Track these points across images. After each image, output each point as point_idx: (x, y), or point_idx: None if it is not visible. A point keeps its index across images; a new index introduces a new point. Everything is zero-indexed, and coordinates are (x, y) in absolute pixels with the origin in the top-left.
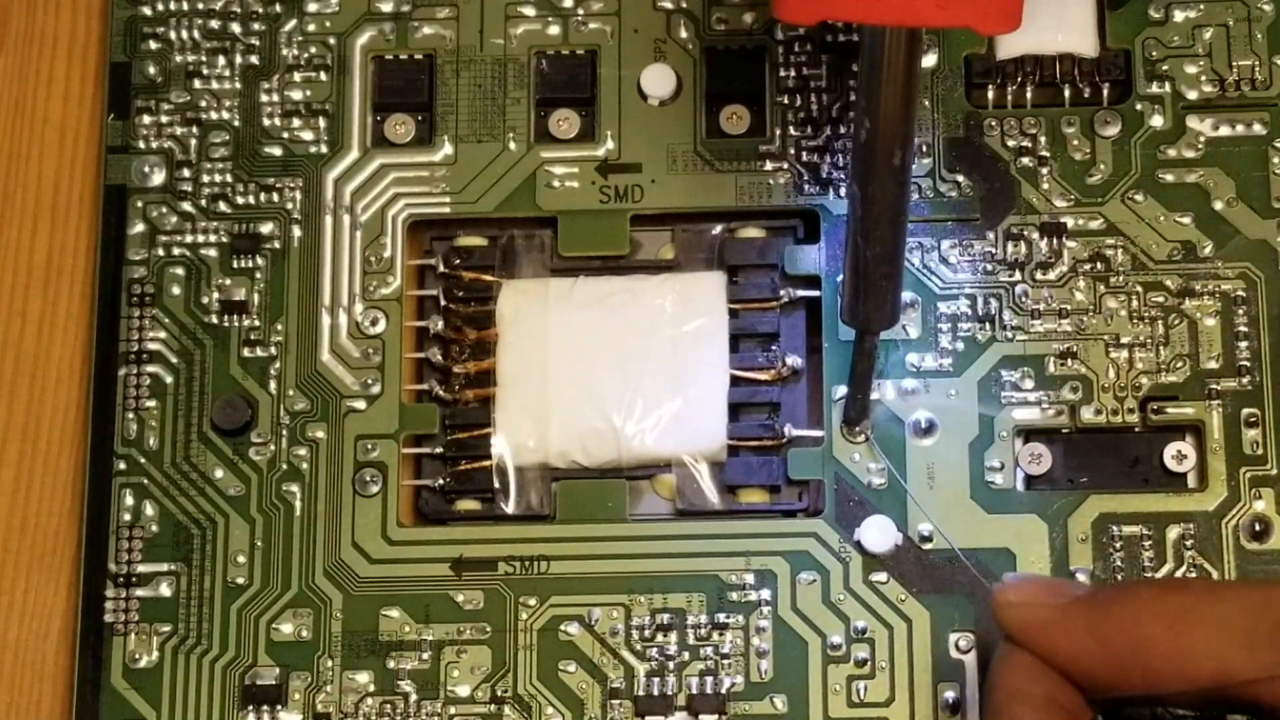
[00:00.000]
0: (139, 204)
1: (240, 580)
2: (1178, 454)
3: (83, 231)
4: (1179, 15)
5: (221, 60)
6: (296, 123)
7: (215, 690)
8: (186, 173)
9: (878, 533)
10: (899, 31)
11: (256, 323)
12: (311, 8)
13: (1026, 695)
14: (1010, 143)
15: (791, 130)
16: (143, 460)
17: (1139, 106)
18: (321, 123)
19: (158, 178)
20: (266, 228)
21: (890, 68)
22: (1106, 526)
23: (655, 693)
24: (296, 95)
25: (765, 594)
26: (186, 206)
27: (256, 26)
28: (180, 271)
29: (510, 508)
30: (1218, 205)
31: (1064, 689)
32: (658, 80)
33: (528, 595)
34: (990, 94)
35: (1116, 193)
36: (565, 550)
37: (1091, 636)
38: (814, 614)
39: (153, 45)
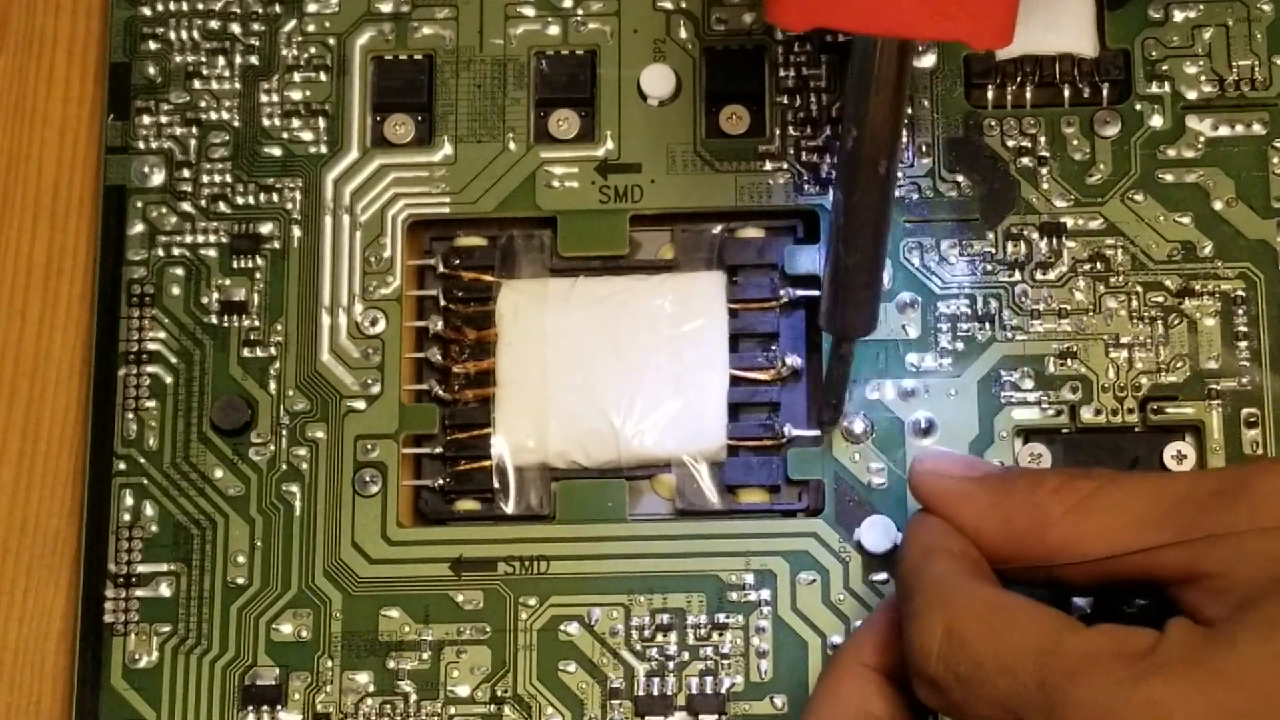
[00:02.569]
0: (139, 204)
1: (240, 580)
2: (1177, 454)
3: (82, 232)
4: (1178, 15)
5: (221, 61)
6: (296, 123)
7: (215, 690)
8: (186, 173)
9: (877, 532)
10: (890, 42)
11: (256, 323)
12: (311, 8)
13: (943, 548)
14: (1010, 143)
15: (791, 130)
16: (142, 460)
17: (1138, 107)
18: (321, 123)
19: (157, 178)
20: (266, 228)
21: (880, 77)
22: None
23: (655, 693)
24: (296, 95)
25: (765, 594)
26: (186, 207)
27: (256, 27)
28: (180, 272)
29: (510, 508)
30: (1217, 205)
31: (975, 547)
32: (657, 80)
33: (527, 595)
34: (990, 94)
35: (1116, 193)
36: (565, 550)
37: (995, 510)
38: (814, 614)
39: (152, 46)
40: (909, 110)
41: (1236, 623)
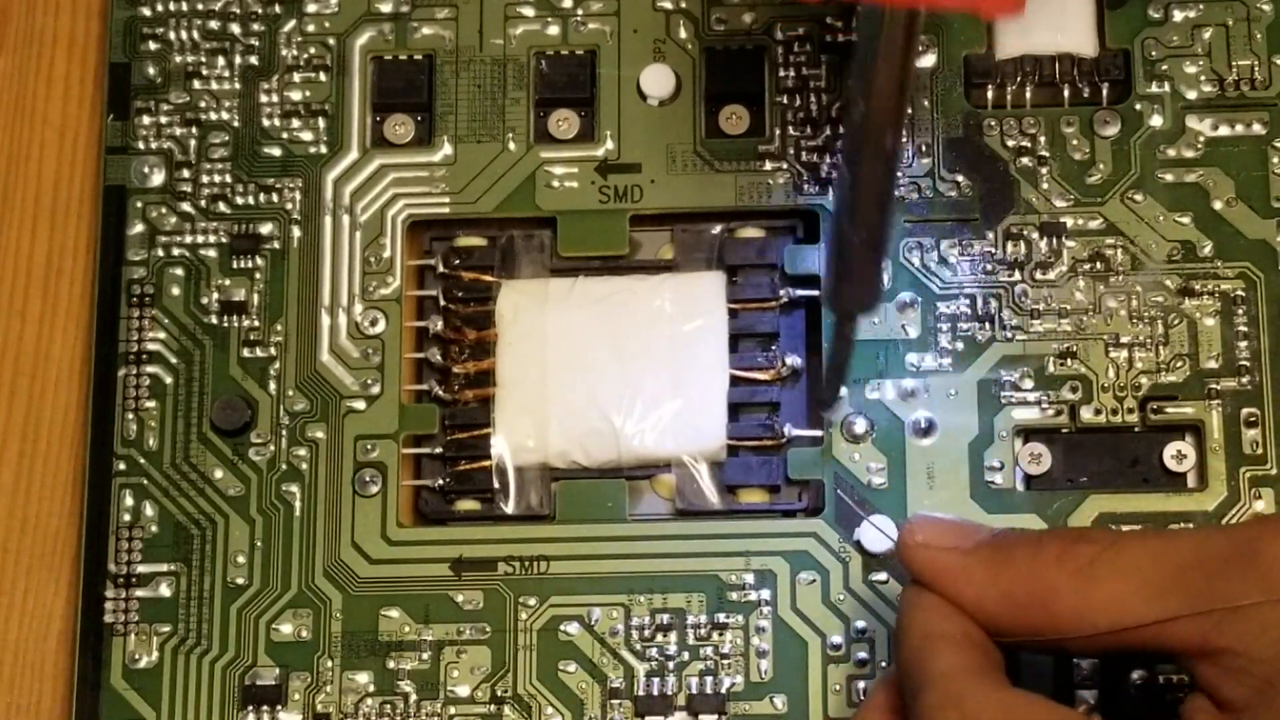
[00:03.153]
0: (138, 204)
1: (240, 580)
2: (1177, 454)
3: (82, 232)
4: (1178, 15)
5: (221, 61)
6: (296, 123)
7: (215, 690)
8: (186, 173)
9: (877, 533)
10: (899, 11)
11: (256, 323)
12: (311, 8)
13: (943, 633)
14: (1010, 142)
15: (791, 130)
16: (142, 461)
17: (1138, 106)
18: (321, 123)
19: (157, 178)
20: (266, 228)
21: (887, 48)
22: (1106, 526)
23: (655, 693)
24: (296, 96)
25: (765, 594)
26: (186, 207)
27: (256, 27)
28: (180, 272)
29: (510, 508)
30: (1217, 205)
31: (975, 626)
32: (657, 80)
33: (527, 595)
34: (990, 94)
35: (1116, 193)
36: (565, 550)
37: (995, 584)
38: (814, 614)
39: (152, 46)
40: (909, 110)
41: (1261, 711)
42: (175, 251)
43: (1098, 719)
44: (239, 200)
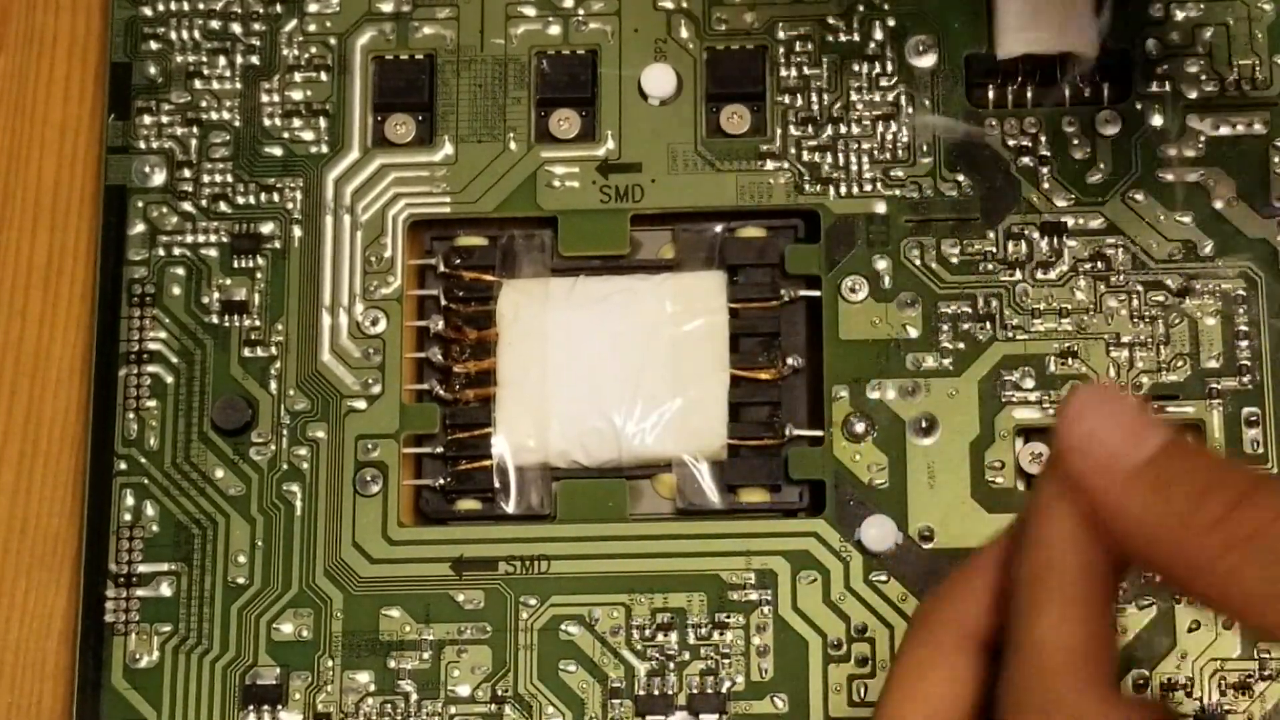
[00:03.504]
0: (139, 204)
1: (241, 580)
2: None
3: (83, 232)
4: (1179, 14)
5: (222, 60)
6: (297, 123)
7: (216, 690)
8: (187, 173)
9: (878, 532)
10: None
11: (257, 323)
12: (312, 8)
13: (1064, 585)
14: (1010, 142)
15: (792, 130)
16: (143, 460)
17: (1139, 106)
18: (322, 123)
19: (158, 178)
20: (267, 228)
21: None
22: None
23: (656, 692)
24: (297, 95)
25: (766, 593)
26: (187, 207)
27: (257, 27)
28: (181, 271)
29: (511, 507)
30: (1218, 204)
31: (1104, 581)
32: (658, 80)
33: (528, 595)
34: (990, 94)
35: (1117, 192)
36: (566, 550)
37: (1143, 526)
38: (814, 613)
39: (153, 45)
40: (910, 109)
41: None
42: (176, 251)
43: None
44: (240, 200)
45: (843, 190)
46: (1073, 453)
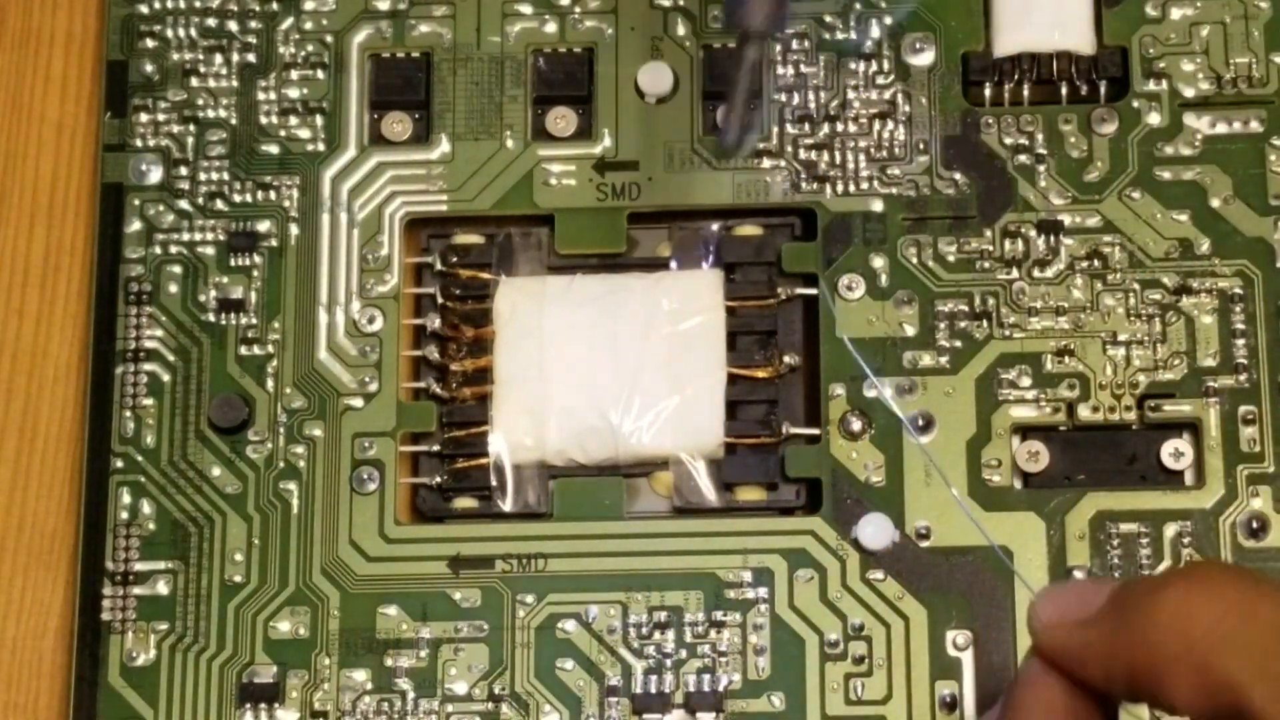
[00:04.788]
0: (136, 202)
1: (238, 578)
2: (1175, 451)
3: (80, 229)
4: (1176, 13)
5: (218, 58)
6: (294, 121)
7: (213, 688)
8: (184, 171)
9: (875, 530)
10: None
11: (254, 321)
12: (308, 6)
13: None
14: (1007, 140)
15: (788, 128)
16: (140, 458)
17: (1136, 104)
18: (319, 121)
19: (155, 176)
20: (264, 226)
21: None
22: (1104, 524)
23: (653, 690)
24: (293, 93)
25: (763, 591)
26: (184, 204)
27: (253, 25)
28: (177, 269)
29: (508, 506)
30: (1215, 203)
31: (1085, 706)
32: (655, 78)
33: (525, 593)
34: (987, 91)
35: (1114, 190)
36: (562, 548)
37: (1115, 658)
38: (811, 611)
39: (150, 43)
40: (907, 107)
41: None
42: (173, 249)
43: None
44: (236, 198)
45: (839, 188)
46: (1042, 630)
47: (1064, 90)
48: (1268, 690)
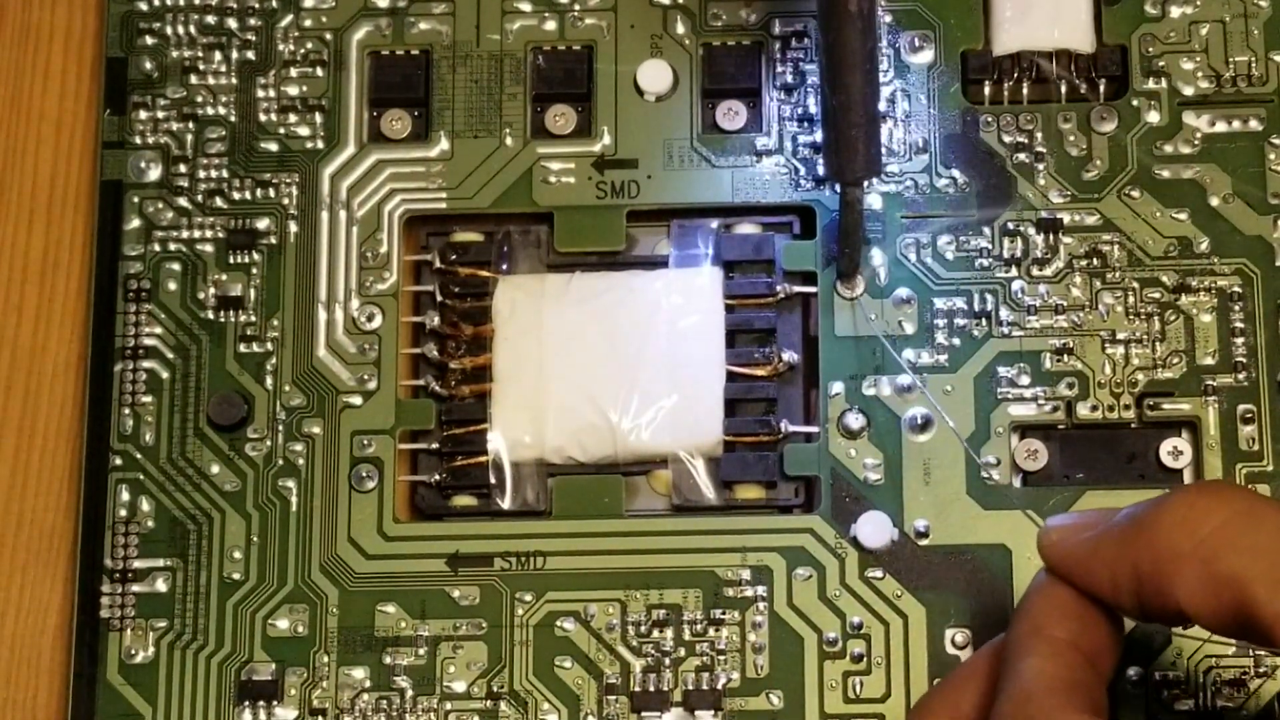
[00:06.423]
0: (135, 199)
1: (236, 576)
2: (1174, 450)
3: (79, 227)
4: (1175, 11)
5: (218, 56)
6: (293, 118)
7: (211, 686)
8: (183, 168)
9: (874, 528)
10: None
11: (253, 318)
12: (308, 3)
13: (1049, 635)
14: (1006, 139)
15: (788, 126)
16: (139, 456)
17: (1135, 102)
18: (318, 118)
19: (154, 173)
20: (263, 223)
21: None
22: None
23: (651, 688)
24: (293, 91)
25: (761, 590)
26: (183, 202)
27: (253, 22)
28: (176, 267)
29: (506, 504)
30: (1214, 201)
31: (1091, 631)
32: (654, 76)
33: (524, 591)
34: (987, 90)
35: (1113, 189)
36: (561, 546)
37: (1124, 560)
38: (810, 610)
39: (149, 40)
40: (906, 106)
41: None
42: (172, 246)
43: None
44: (236, 195)
45: (838, 186)
46: (1050, 545)
47: (1063, 88)
48: (1272, 586)
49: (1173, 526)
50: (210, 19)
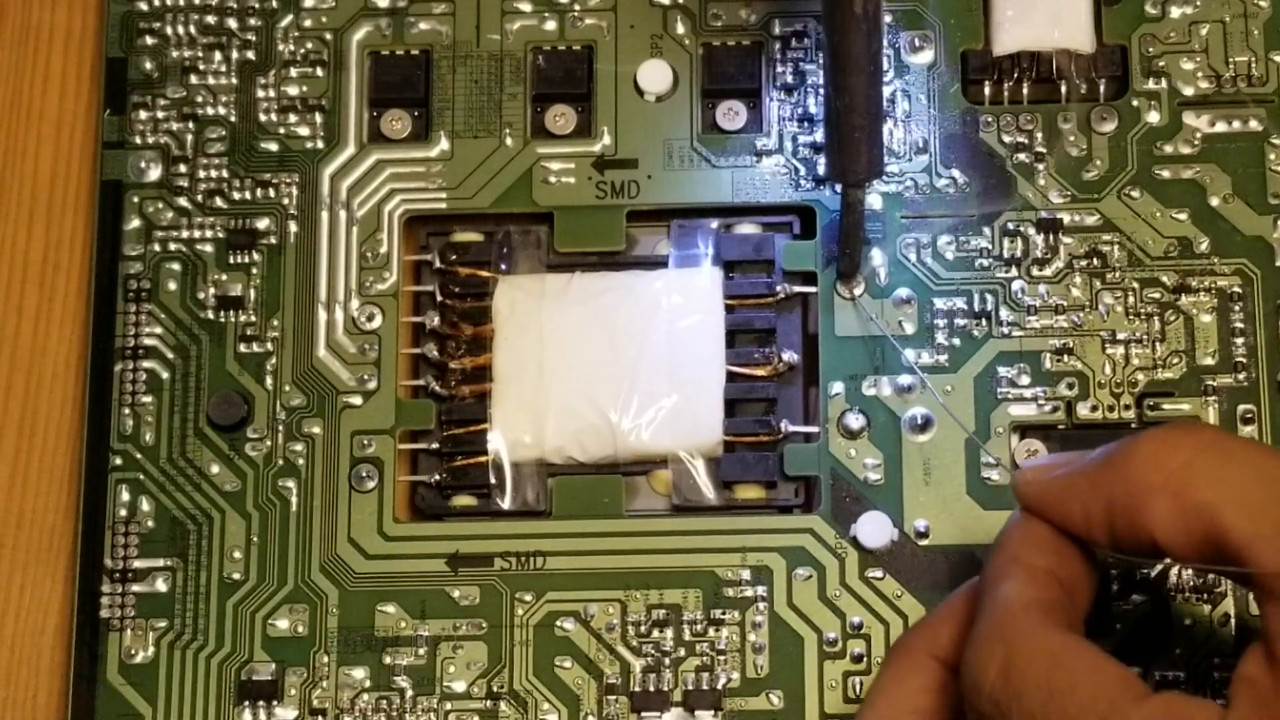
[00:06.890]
0: (135, 199)
1: (236, 576)
2: None
3: (79, 227)
4: (1175, 11)
5: (218, 56)
6: (293, 118)
7: (211, 686)
8: (183, 168)
9: (874, 528)
10: None
11: (253, 318)
12: (308, 3)
13: (1027, 562)
14: (1006, 138)
15: (788, 126)
16: (139, 456)
17: (1135, 102)
18: (318, 118)
19: (154, 173)
20: (263, 223)
21: None
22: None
23: (651, 688)
24: (293, 91)
25: (761, 590)
26: (183, 202)
27: (253, 22)
28: (176, 267)
29: (506, 504)
30: (1214, 201)
31: (1068, 564)
32: (654, 76)
33: (524, 591)
34: (987, 90)
35: (1113, 189)
36: (561, 546)
37: (1097, 494)
38: (810, 610)
39: (149, 41)
40: (906, 105)
41: None
42: (172, 246)
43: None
44: (235, 195)
45: (838, 186)
46: (1024, 484)
47: (1063, 88)
48: (1242, 511)
49: (1144, 461)
50: (210, 19)
